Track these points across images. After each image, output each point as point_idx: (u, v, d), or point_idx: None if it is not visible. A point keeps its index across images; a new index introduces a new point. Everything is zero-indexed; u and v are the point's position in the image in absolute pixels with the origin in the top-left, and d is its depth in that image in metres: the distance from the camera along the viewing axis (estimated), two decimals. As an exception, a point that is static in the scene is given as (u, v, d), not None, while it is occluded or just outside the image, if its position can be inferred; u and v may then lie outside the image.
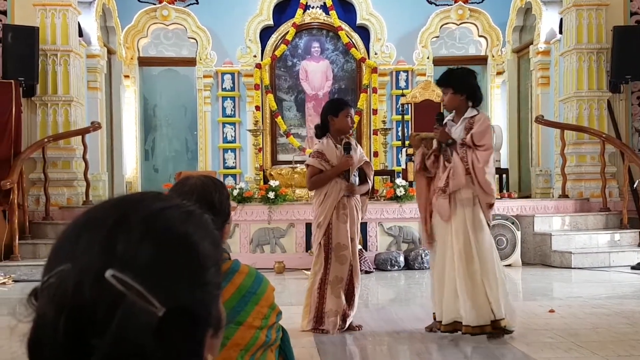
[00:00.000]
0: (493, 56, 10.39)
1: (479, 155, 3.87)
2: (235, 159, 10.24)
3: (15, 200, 7.00)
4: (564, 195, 8.24)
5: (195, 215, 0.66)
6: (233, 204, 2.26)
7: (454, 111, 4.07)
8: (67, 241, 0.63)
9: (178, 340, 0.59)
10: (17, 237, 6.97)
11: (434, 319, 4.05)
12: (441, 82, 4.05)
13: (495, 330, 3.83)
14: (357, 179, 4.26)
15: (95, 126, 8.29)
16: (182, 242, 0.63)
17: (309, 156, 4.29)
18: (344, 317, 4.15)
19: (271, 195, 7.30)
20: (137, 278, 0.58)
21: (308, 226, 7.41)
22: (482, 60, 10.52)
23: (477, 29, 10.47)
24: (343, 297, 4.14)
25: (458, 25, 10.46)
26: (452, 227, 3.89)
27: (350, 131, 4.30)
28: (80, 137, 8.13)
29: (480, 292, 3.81)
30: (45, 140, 7.74)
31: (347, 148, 4.17)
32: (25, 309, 0.61)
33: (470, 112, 3.99)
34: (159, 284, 0.59)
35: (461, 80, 3.98)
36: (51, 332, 0.58)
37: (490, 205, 3.95)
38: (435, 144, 4.00)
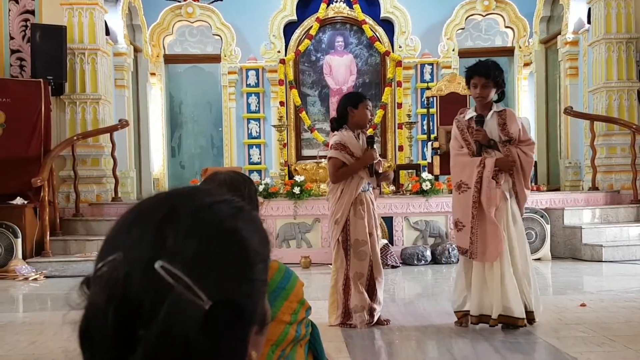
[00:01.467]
0: (520, 47, 10.25)
1: (526, 149, 3.97)
2: (260, 154, 10.27)
3: (46, 198, 7.12)
4: (594, 188, 8.11)
5: (245, 211, 0.66)
6: (260, 199, 2.27)
7: (470, 106, 4.08)
8: (119, 232, 0.63)
9: (223, 334, 0.59)
10: (48, 233, 7.10)
11: (460, 314, 4.05)
12: (482, 72, 3.93)
13: (530, 322, 3.91)
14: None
15: (123, 124, 8.39)
16: (231, 236, 0.63)
17: (330, 148, 4.22)
18: (371, 312, 4.14)
19: (296, 190, 7.31)
20: (185, 270, 0.58)
21: (334, 221, 7.41)
22: (509, 52, 10.39)
23: (504, 19, 10.33)
24: (365, 293, 4.13)
25: (484, 16, 10.33)
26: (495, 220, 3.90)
27: (368, 125, 4.25)
28: (108, 134, 8.23)
29: (521, 283, 3.87)
30: (75, 138, 7.86)
31: (371, 142, 4.15)
32: (78, 296, 0.62)
33: (497, 107, 4.03)
34: (207, 278, 0.59)
35: (500, 75, 4.00)
36: (101, 321, 0.58)
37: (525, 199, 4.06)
38: (473, 145, 3.98)
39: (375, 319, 4.16)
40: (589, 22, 8.55)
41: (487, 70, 3.94)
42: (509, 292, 3.83)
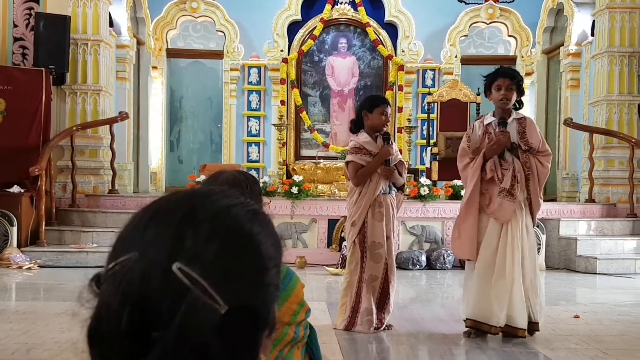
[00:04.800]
0: (522, 57, 10.28)
1: (543, 160, 3.91)
2: (258, 152, 10.27)
3: (43, 187, 7.10)
4: (590, 200, 8.13)
5: (259, 215, 0.66)
6: (265, 199, 2.26)
7: (491, 111, 4.08)
8: (135, 231, 0.62)
9: (238, 338, 0.59)
10: (43, 223, 7.07)
11: (472, 326, 3.95)
12: (508, 74, 3.94)
13: (532, 332, 3.91)
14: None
15: (123, 116, 8.37)
16: (247, 241, 0.63)
17: (347, 153, 4.19)
18: (380, 317, 4.12)
19: (294, 190, 7.31)
20: (203, 274, 0.58)
21: (330, 222, 7.42)
22: (511, 61, 10.40)
23: (507, 28, 10.36)
24: (376, 296, 4.11)
25: (488, 24, 10.36)
26: (509, 230, 3.85)
27: (385, 128, 4.23)
28: (107, 126, 8.22)
29: (528, 294, 3.85)
30: (74, 128, 7.84)
31: (387, 138, 4.15)
32: (87, 294, 0.61)
33: (517, 114, 4.01)
34: (223, 282, 0.59)
35: (522, 81, 4.04)
36: (114, 321, 0.57)
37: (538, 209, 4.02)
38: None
39: (384, 325, 4.14)
40: (592, 34, 8.58)
41: (513, 72, 3.98)
42: (515, 303, 3.80)
